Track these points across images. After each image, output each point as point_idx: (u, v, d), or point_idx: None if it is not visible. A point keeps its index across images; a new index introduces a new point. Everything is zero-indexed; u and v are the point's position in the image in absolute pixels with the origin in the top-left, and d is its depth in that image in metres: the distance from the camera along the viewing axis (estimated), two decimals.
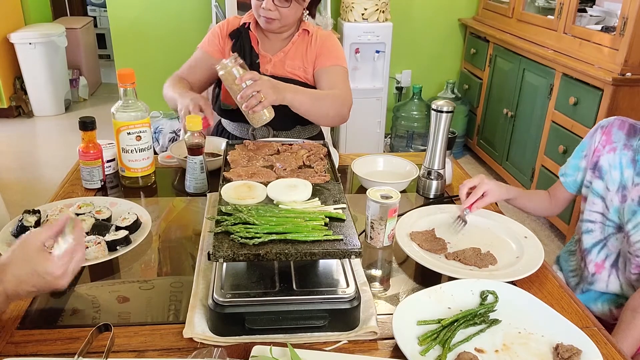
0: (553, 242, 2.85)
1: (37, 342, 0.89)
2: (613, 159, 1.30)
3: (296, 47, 1.68)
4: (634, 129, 1.30)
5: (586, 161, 1.36)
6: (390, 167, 1.56)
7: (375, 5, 3.40)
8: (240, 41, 1.67)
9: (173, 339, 0.90)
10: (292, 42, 1.68)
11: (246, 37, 1.67)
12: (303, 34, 1.69)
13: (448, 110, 1.36)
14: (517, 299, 0.99)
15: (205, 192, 1.40)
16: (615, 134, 1.31)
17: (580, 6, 2.88)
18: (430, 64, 4.00)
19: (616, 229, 1.30)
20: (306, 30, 1.69)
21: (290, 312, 0.89)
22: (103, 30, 6.17)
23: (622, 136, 1.30)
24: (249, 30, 1.68)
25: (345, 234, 0.95)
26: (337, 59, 1.69)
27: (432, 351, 0.87)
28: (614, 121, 1.34)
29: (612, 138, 1.31)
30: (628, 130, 1.30)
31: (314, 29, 1.70)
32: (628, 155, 1.28)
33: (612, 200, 1.29)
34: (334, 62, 1.67)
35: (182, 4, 3.69)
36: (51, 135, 4.32)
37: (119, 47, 3.79)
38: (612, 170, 1.29)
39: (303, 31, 1.69)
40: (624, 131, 1.31)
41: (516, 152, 3.24)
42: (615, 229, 1.30)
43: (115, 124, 1.38)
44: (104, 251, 1.09)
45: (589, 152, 1.36)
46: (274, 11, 1.55)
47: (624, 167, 1.28)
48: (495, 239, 1.22)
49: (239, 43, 1.67)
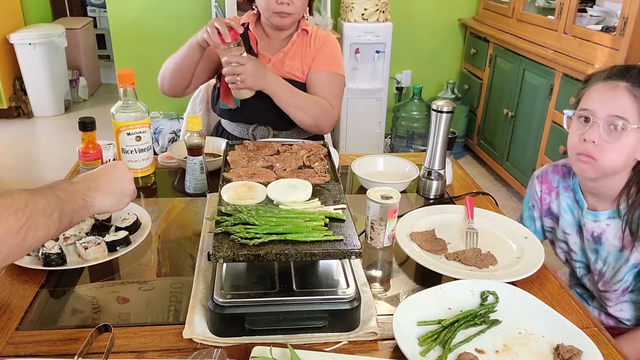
0: None
1: (36, 343, 0.88)
2: (560, 203, 1.31)
3: (295, 47, 1.68)
4: (567, 169, 1.30)
5: (537, 210, 1.37)
6: (390, 167, 1.56)
7: (375, 5, 3.40)
8: None
9: (173, 340, 0.90)
10: (291, 42, 1.68)
11: (245, 37, 1.67)
12: (302, 34, 1.69)
13: (448, 111, 1.36)
14: (518, 300, 0.99)
15: (205, 192, 1.40)
16: (552, 179, 1.32)
17: (580, 6, 2.88)
18: (430, 64, 4.00)
19: (586, 269, 1.31)
20: (305, 30, 1.69)
21: (291, 312, 0.89)
22: (103, 30, 6.17)
23: (559, 180, 1.31)
24: (248, 31, 1.68)
25: (346, 234, 0.95)
26: (334, 64, 1.68)
27: (433, 352, 0.87)
28: (547, 168, 1.35)
29: (552, 184, 1.32)
30: (562, 173, 1.31)
31: (313, 29, 1.70)
32: (570, 196, 1.28)
33: (575, 243, 1.30)
34: (330, 68, 1.67)
35: (182, 4, 3.69)
36: (51, 136, 4.32)
37: (119, 47, 3.79)
38: (563, 214, 1.30)
39: (302, 31, 1.69)
40: (558, 175, 1.32)
41: (516, 152, 3.24)
42: (585, 269, 1.32)
43: (115, 125, 1.38)
44: (104, 252, 1.08)
45: (535, 202, 1.37)
46: (290, 5, 1.57)
47: (572, 208, 1.28)
48: (495, 240, 1.22)
49: None
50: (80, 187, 0.89)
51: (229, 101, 1.68)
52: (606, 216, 1.20)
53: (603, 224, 1.21)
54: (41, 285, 1.03)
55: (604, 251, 1.23)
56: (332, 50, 1.69)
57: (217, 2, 3.43)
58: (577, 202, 1.27)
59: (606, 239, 1.22)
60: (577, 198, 1.26)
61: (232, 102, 1.67)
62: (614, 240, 1.20)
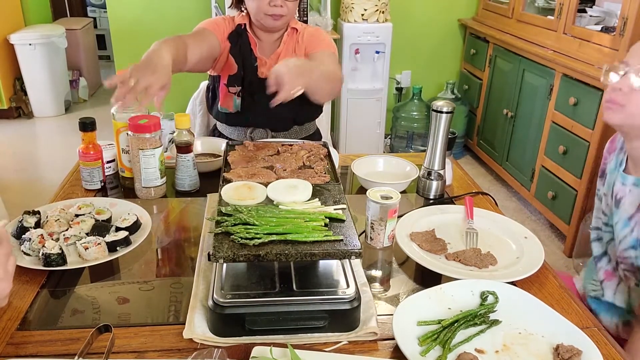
0: (553, 242, 2.85)
1: (36, 343, 0.88)
2: (611, 162, 1.30)
3: (287, 47, 1.68)
4: None
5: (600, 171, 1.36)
6: (390, 167, 1.56)
7: (375, 5, 3.41)
8: (239, 44, 1.66)
9: (173, 340, 0.90)
10: (283, 42, 1.67)
11: (245, 39, 1.66)
12: (292, 32, 1.69)
13: (448, 111, 1.36)
14: (518, 300, 0.99)
15: (198, 189, 1.41)
16: (618, 140, 1.31)
17: (580, 6, 2.88)
18: (430, 64, 4.00)
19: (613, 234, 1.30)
20: (294, 28, 1.68)
21: (291, 312, 0.89)
22: (103, 31, 6.17)
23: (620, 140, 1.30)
24: (246, 32, 1.66)
25: (346, 234, 0.95)
26: (325, 45, 1.67)
27: (433, 352, 0.87)
28: None
29: (615, 144, 1.31)
30: None
31: (302, 27, 1.70)
32: (619, 157, 1.27)
33: (608, 205, 1.29)
34: (323, 47, 1.66)
35: (182, 4, 3.69)
36: (51, 136, 4.32)
37: (119, 48, 3.80)
38: (609, 173, 1.29)
39: (291, 30, 1.68)
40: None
41: (516, 153, 3.24)
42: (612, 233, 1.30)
43: (115, 125, 1.38)
44: (104, 252, 1.09)
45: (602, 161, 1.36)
46: (283, 7, 1.56)
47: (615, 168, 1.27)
48: (495, 240, 1.22)
49: (237, 46, 1.65)
50: None
51: (230, 105, 1.67)
52: (632, 181, 1.19)
53: (627, 188, 1.20)
54: (41, 285, 1.03)
55: (617, 216, 1.22)
56: (321, 35, 1.69)
57: (217, 3, 3.44)
58: (619, 163, 1.26)
59: (623, 203, 1.20)
60: (621, 158, 1.26)
61: (233, 106, 1.67)
62: (629, 207, 1.19)
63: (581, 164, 2.54)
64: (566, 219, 2.67)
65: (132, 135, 1.31)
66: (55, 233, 1.13)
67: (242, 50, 1.65)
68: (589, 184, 2.49)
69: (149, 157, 1.32)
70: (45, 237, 1.09)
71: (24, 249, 1.08)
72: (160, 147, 1.35)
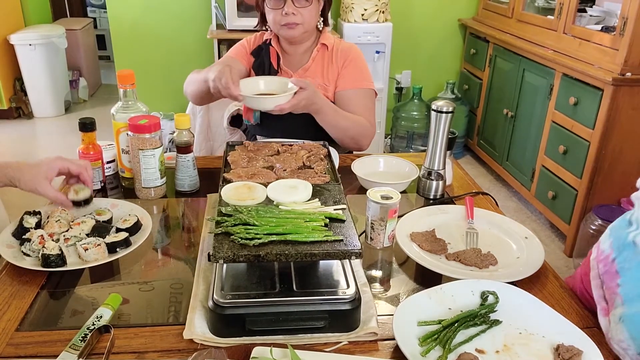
0: (553, 242, 2.84)
1: (36, 344, 0.88)
2: None
3: (316, 63, 1.66)
4: None
5: None
6: (390, 167, 1.56)
7: (375, 5, 3.40)
8: (260, 58, 1.66)
9: (173, 340, 0.90)
10: (312, 58, 1.66)
11: (266, 53, 1.66)
12: (322, 49, 1.66)
13: (448, 111, 1.36)
14: (518, 300, 0.99)
15: (198, 189, 1.41)
16: None
17: (580, 6, 2.88)
18: (430, 64, 4.00)
19: None
20: (325, 45, 1.66)
21: (291, 313, 0.89)
22: (103, 31, 6.17)
23: None
24: (270, 46, 1.67)
25: (346, 234, 0.95)
26: (362, 80, 1.64)
27: (433, 352, 0.87)
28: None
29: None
30: None
31: (333, 43, 1.67)
32: None
33: None
34: (359, 84, 1.63)
35: (182, 5, 3.69)
36: (51, 137, 4.32)
37: (119, 48, 3.80)
38: None
39: (322, 46, 1.66)
40: None
41: (516, 152, 3.24)
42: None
43: (115, 125, 1.38)
44: (104, 253, 1.08)
45: None
46: (296, 15, 1.54)
47: None
48: (495, 240, 1.22)
49: (259, 60, 1.66)
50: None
51: (250, 117, 1.69)
52: None
53: None
54: (41, 286, 1.03)
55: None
56: (357, 65, 1.65)
57: (217, 3, 3.44)
58: None
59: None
60: None
61: (253, 118, 1.68)
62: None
63: (581, 164, 2.54)
64: (566, 218, 2.67)
65: (132, 136, 1.31)
66: (55, 234, 1.13)
67: (262, 63, 1.66)
68: (589, 184, 2.48)
69: (149, 157, 1.32)
70: (46, 238, 1.09)
71: (24, 250, 1.08)
72: (160, 148, 1.35)
